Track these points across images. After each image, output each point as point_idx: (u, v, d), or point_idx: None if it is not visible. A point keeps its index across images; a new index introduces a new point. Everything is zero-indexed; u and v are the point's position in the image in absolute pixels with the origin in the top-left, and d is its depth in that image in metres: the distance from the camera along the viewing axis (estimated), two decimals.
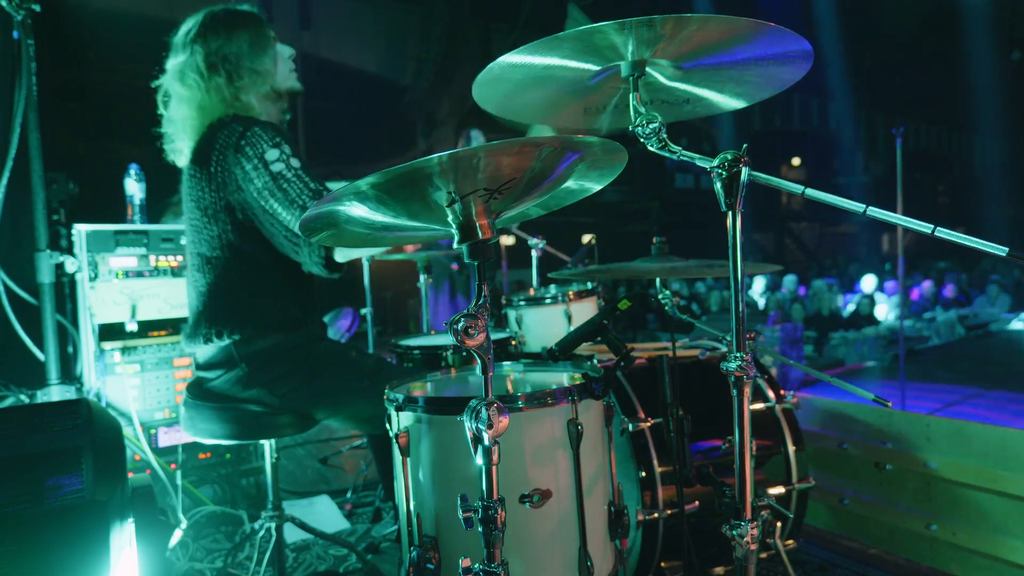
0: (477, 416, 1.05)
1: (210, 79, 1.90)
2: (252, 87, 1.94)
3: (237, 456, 3.05)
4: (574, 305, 2.66)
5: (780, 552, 1.66)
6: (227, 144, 1.84)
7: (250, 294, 1.89)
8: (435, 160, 0.96)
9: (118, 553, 1.37)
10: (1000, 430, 2.23)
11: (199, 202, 1.90)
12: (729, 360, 1.23)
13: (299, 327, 1.92)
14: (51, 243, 2.72)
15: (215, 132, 1.88)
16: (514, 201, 1.14)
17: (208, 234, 1.89)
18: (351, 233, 1.24)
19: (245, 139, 1.82)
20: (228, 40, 1.91)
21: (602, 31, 1.14)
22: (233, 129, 1.85)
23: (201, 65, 1.90)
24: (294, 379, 1.86)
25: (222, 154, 1.84)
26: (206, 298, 1.91)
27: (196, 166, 1.91)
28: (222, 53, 1.90)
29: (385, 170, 0.98)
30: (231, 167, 1.83)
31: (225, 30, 1.92)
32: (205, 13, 1.96)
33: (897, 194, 3.96)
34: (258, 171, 1.80)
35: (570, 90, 1.39)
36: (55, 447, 1.43)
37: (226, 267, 1.89)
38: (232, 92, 1.91)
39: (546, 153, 1.04)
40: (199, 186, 1.89)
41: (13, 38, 2.64)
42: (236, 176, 1.83)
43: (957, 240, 1.06)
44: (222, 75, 1.90)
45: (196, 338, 1.90)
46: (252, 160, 1.80)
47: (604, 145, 1.11)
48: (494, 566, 1.09)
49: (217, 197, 1.86)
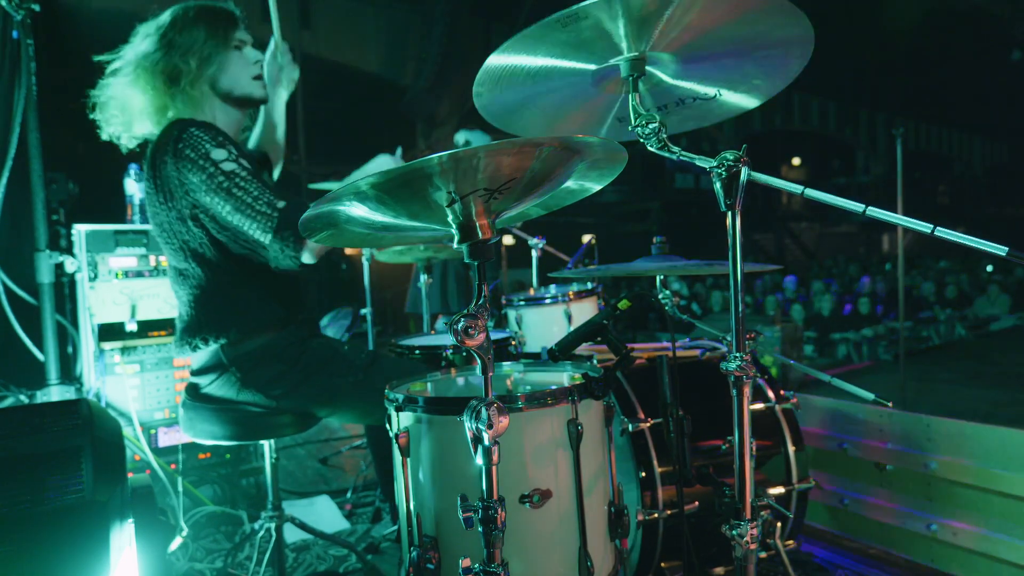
0: (477, 416, 1.05)
1: (155, 74, 1.84)
2: (194, 86, 1.85)
3: (237, 456, 3.05)
4: (574, 305, 2.66)
5: (780, 552, 1.66)
6: (164, 150, 1.76)
7: (229, 298, 1.86)
8: (435, 160, 0.96)
9: (118, 553, 1.37)
10: (1000, 430, 2.23)
11: (155, 217, 1.86)
12: (729, 360, 1.23)
13: (286, 325, 1.90)
14: (51, 243, 2.72)
15: (157, 142, 1.82)
16: (514, 201, 1.14)
17: (171, 248, 1.86)
18: (351, 233, 1.24)
19: (182, 141, 1.73)
20: (180, 34, 1.84)
21: (588, 13, 1.12)
22: (169, 133, 1.78)
23: (150, 60, 1.83)
24: (288, 380, 1.86)
25: (161, 162, 1.77)
26: (188, 308, 1.90)
27: (147, 180, 1.85)
28: (171, 48, 1.83)
29: (385, 170, 0.98)
30: (171, 173, 1.76)
31: (183, 24, 1.86)
32: (179, 6, 1.89)
33: (897, 194, 3.96)
34: (206, 171, 1.70)
35: (571, 96, 1.39)
36: (55, 447, 1.43)
37: (198, 277, 1.86)
38: (173, 89, 1.84)
39: (546, 153, 1.04)
40: (152, 200, 1.84)
41: (13, 38, 2.64)
42: (181, 181, 1.75)
43: (957, 240, 1.06)
44: (164, 73, 1.84)
45: (183, 347, 1.89)
46: (197, 161, 1.70)
47: (604, 145, 1.11)
48: (494, 566, 1.09)
49: (167, 208, 1.81)
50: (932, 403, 4.92)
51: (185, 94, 1.85)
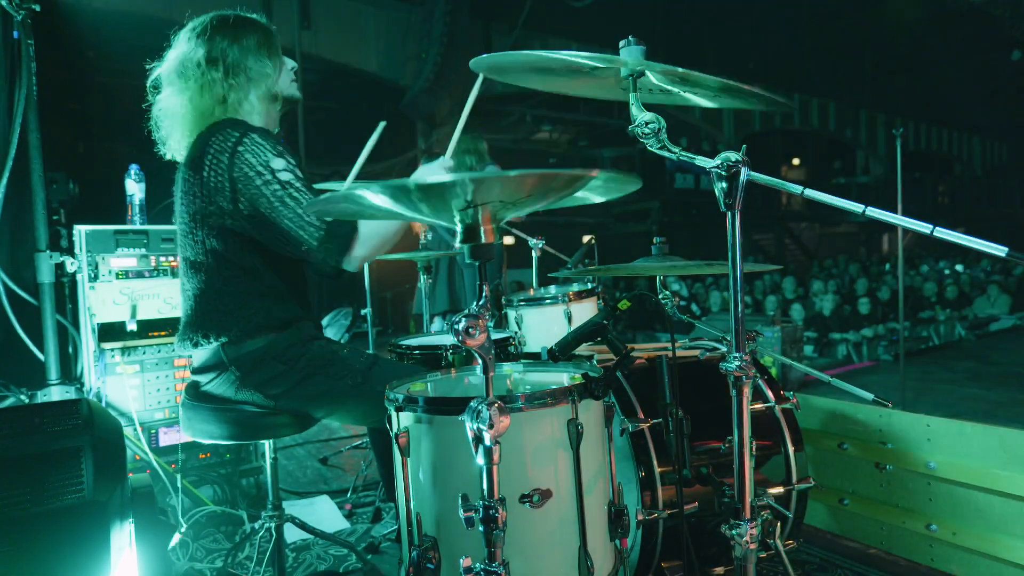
0: (478, 416, 1.05)
1: (207, 73, 1.88)
2: (249, 87, 1.92)
3: (237, 456, 3.05)
4: (574, 305, 2.66)
5: (780, 552, 1.66)
6: (223, 148, 1.80)
7: (236, 297, 1.87)
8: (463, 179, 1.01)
9: (118, 553, 1.37)
10: (1000, 430, 2.23)
11: (188, 207, 1.88)
12: (729, 360, 1.23)
13: (288, 327, 1.90)
14: (51, 243, 2.73)
15: (209, 136, 1.85)
16: (522, 208, 1.16)
17: (193, 239, 1.88)
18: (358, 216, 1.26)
19: (243, 144, 1.79)
20: (234, 40, 1.91)
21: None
22: (229, 134, 1.82)
23: (202, 59, 1.88)
24: (286, 381, 1.86)
25: (216, 159, 1.81)
26: (193, 302, 1.91)
27: (190, 171, 1.88)
28: (225, 51, 1.89)
29: (427, 182, 1.01)
30: (224, 171, 1.79)
31: (233, 31, 1.92)
32: (214, 14, 1.96)
33: (897, 194, 3.96)
34: (263, 178, 1.76)
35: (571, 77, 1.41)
36: (55, 447, 1.43)
37: (210, 272, 1.87)
38: (226, 88, 1.89)
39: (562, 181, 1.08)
40: (191, 191, 1.87)
41: (13, 38, 2.64)
42: (233, 180, 1.79)
43: (957, 240, 1.06)
44: (219, 70, 1.89)
45: (185, 342, 1.89)
46: (255, 167, 1.77)
47: (619, 176, 1.14)
48: (495, 566, 1.09)
49: (207, 202, 1.83)
50: (932, 403, 4.92)
51: (234, 90, 1.92)
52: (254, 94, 1.94)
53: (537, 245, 2.97)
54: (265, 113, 2.00)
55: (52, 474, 1.38)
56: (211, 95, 1.90)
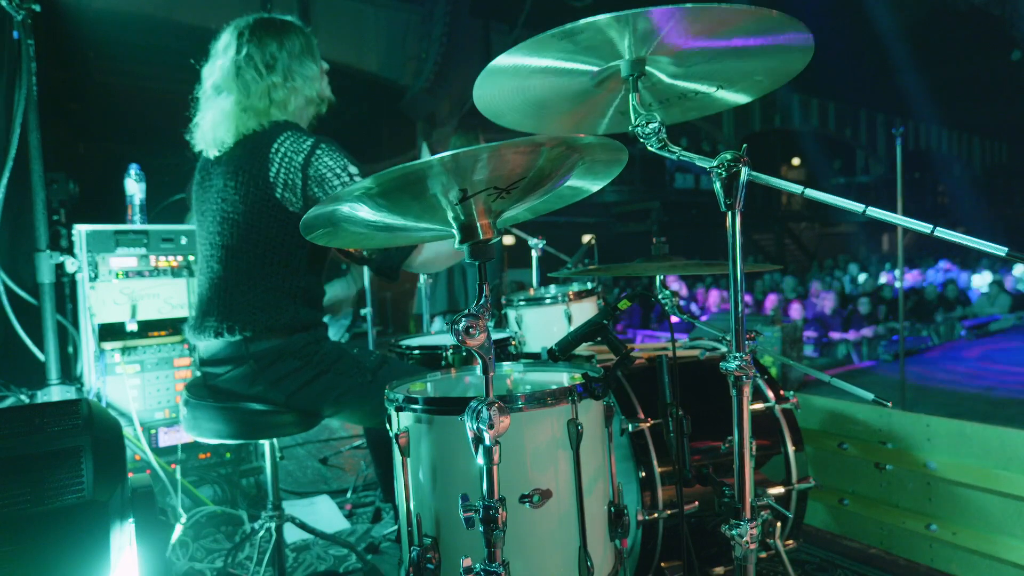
0: (478, 416, 1.05)
1: (267, 77, 1.95)
2: (302, 91, 2.00)
3: (237, 456, 3.05)
4: (574, 305, 2.66)
5: (780, 552, 1.66)
6: (297, 149, 1.88)
7: (269, 294, 1.89)
8: (437, 161, 0.97)
9: (118, 553, 1.37)
10: (1000, 430, 2.23)
11: (246, 198, 1.90)
12: (729, 360, 1.23)
13: (308, 328, 1.94)
14: (51, 243, 2.72)
15: (272, 137, 1.90)
16: (517, 201, 1.14)
17: (239, 227, 1.91)
18: (347, 232, 1.25)
19: (321, 148, 1.88)
20: (281, 44, 1.98)
21: (596, 27, 1.14)
22: (299, 136, 1.90)
23: (259, 63, 1.95)
24: (300, 378, 1.88)
25: (287, 157, 1.87)
26: (220, 290, 1.92)
27: (242, 165, 1.92)
28: (275, 55, 1.96)
29: (388, 169, 0.98)
30: (297, 170, 1.87)
31: (277, 34, 1.99)
32: (254, 17, 2.02)
33: (897, 194, 3.96)
34: (340, 180, 1.86)
35: (569, 95, 1.40)
36: (55, 447, 1.43)
37: (253, 261, 1.90)
38: (283, 94, 1.97)
39: (549, 153, 1.05)
40: (247, 182, 1.90)
41: (13, 38, 2.64)
42: (307, 182, 1.87)
43: (957, 240, 1.06)
44: (278, 75, 1.96)
45: (205, 330, 1.90)
46: (334, 169, 1.86)
47: (605, 145, 1.11)
48: (495, 566, 1.09)
49: (268, 194, 1.88)
50: (932, 403, 4.92)
51: (292, 92, 1.99)
52: (303, 96, 2.02)
53: (537, 245, 2.97)
54: (308, 114, 2.09)
55: (52, 474, 1.38)
56: (264, 97, 1.95)
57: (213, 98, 1.99)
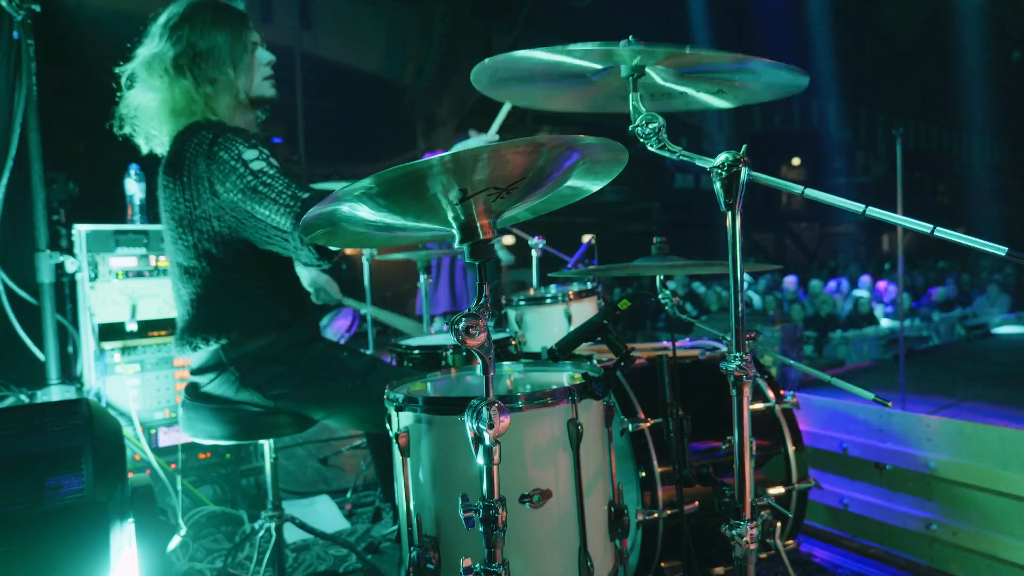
0: (478, 416, 1.05)
1: (176, 79, 1.86)
2: (220, 94, 1.89)
3: (237, 456, 3.05)
4: (574, 305, 2.66)
5: (780, 552, 1.66)
6: (198, 152, 1.80)
7: (233, 298, 1.87)
8: (437, 161, 0.97)
9: (118, 553, 1.37)
10: (1000, 430, 2.23)
11: (173, 212, 1.86)
12: (729, 360, 1.23)
13: (287, 327, 1.90)
14: (51, 243, 2.73)
15: (186, 140, 1.84)
16: (517, 201, 1.14)
17: (183, 244, 1.87)
18: (347, 232, 1.25)
19: (217, 144, 1.78)
20: (202, 38, 1.86)
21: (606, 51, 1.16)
22: (203, 136, 1.81)
23: (169, 63, 1.85)
24: (286, 383, 1.86)
25: (193, 163, 1.80)
26: (190, 307, 1.90)
27: (169, 176, 1.87)
28: (193, 53, 1.85)
29: (388, 168, 0.98)
30: (203, 174, 1.79)
31: (202, 28, 1.87)
32: (189, 3, 1.90)
33: (897, 194, 3.96)
34: (237, 172, 1.75)
35: (571, 80, 1.41)
36: (55, 447, 1.43)
37: (205, 276, 1.86)
38: (200, 96, 1.87)
39: (548, 153, 1.05)
40: (172, 196, 1.86)
41: (13, 38, 2.64)
42: (211, 182, 1.78)
43: (956, 240, 1.06)
44: (188, 78, 1.86)
45: (184, 346, 1.89)
46: (228, 163, 1.76)
47: (605, 145, 1.11)
48: (495, 566, 1.09)
49: (191, 207, 1.82)
50: (932, 403, 4.91)
51: (206, 97, 1.88)
52: (224, 101, 1.90)
53: (537, 245, 2.97)
54: (244, 117, 1.98)
55: (52, 474, 1.37)
56: (183, 101, 1.87)
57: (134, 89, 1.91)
